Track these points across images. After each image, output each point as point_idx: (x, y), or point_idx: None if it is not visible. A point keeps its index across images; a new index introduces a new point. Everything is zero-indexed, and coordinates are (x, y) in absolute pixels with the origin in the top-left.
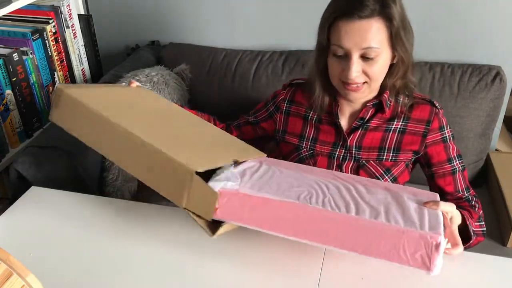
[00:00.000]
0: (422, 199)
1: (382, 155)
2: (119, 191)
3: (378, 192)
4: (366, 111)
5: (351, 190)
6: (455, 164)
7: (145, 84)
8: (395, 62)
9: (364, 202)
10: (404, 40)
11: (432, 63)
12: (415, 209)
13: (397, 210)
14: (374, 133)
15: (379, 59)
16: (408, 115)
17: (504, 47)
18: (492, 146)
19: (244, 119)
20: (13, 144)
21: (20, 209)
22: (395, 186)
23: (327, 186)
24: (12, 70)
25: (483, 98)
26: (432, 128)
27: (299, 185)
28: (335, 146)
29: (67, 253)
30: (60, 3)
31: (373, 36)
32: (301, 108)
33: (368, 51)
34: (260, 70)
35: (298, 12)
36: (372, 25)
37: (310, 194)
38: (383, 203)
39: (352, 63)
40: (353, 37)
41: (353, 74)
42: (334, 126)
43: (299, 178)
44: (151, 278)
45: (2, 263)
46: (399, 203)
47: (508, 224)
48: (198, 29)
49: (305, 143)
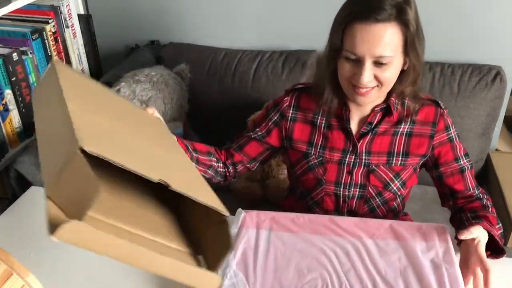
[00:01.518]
0: (434, 244)
1: (392, 160)
2: None
3: (389, 250)
4: (374, 115)
5: (362, 255)
6: (463, 163)
7: (145, 84)
8: (405, 68)
9: (381, 278)
10: (418, 48)
11: (432, 63)
12: (433, 272)
13: (415, 279)
14: (382, 138)
15: (392, 65)
16: (414, 118)
17: (504, 47)
18: (492, 146)
19: (244, 137)
20: (12, 144)
21: (20, 209)
22: (400, 226)
23: (337, 256)
24: (11, 70)
25: (483, 98)
26: (438, 129)
27: (309, 268)
28: (345, 152)
29: (67, 253)
30: (59, 3)
31: (388, 41)
32: (308, 113)
33: (381, 58)
34: (260, 70)
35: (298, 12)
36: (387, 29)
37: (325, 283)
38: (400, 271)
39: (365, 69)
40: (367, 41)
41: (365, 80)
42: (343, 132)
43: (305, 253)
44: (151, 278)
45: (2, 263)
46: (415, 265)
47: (508, 224)
48: (198, 29)
49: (314, 150)
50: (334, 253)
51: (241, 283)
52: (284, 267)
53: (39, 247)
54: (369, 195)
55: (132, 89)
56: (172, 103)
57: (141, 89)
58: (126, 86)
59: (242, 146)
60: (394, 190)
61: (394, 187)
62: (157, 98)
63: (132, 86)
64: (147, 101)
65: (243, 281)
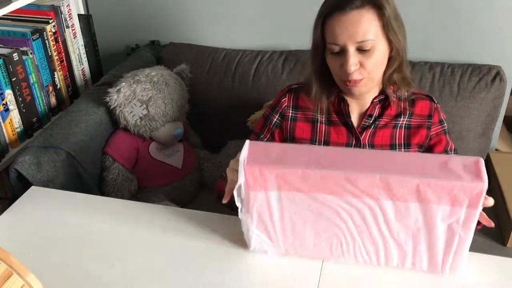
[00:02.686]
0: (460, 209)
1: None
2: (119, 191)
3: (407, 214)
4: (373, 108)
5: (378, 218)
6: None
7: (145, 84)
8: (392, 55)
9: (393, 240)
10: (397, 30)
11: (432, 63)
12: (445, 235)
13: (424, 244)
14: (383, 131)
15: (375, 50)
16: (412, 111)
17: (504, 47)
18: (492, 146)
19: None
20: (13, 144)
21: (20, 209)
22: (429, 187)
23: (352, 220)
24: (12, 70)
25: (483, 98)
26: (434, 122)
27: (325, 228)
28: (349, 146)
29: (67, 253)
30: (60, 3)
31: (366, 27)
32: (308, 112)
33: (363, 44)
34: (260, 70)
35: (298, 12)
36: (363, 15)
37: (340, 240)
38: (412, 233)
39: (349, 56)
40: (346, 30)
41: (352, 68)
42: (345, 126)
43: (320, 214)
44: (151, 278)
45: (2, 263)
46: (429, 229)
47: (508, 224)
48: (198, 29)
49: None
50: (350, 215)
51: (265, 243)
52: (301, 226)
53: (39, 247)
54: None
55: (132, 89)
56: (172, 103)
57: (141, 89)
58: (126, 86)
59: None
60: None
61: None
62: (157, 98)
63: (132, 86)
64: (147, 101)
65: (267, 241)
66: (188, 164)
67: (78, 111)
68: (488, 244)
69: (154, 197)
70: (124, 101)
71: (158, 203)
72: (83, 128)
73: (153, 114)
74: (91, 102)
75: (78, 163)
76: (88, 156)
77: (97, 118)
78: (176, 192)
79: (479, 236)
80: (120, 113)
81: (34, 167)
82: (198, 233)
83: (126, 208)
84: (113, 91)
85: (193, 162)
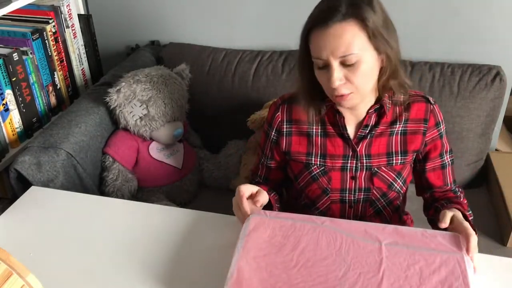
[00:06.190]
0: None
1: (392, 160)
2: (119, 191)
3: None
4: (369, 118)
5: None
6: (446, 159)
7: (145, 84)
8: (384, 64)
9: None
10: (386, 36)
11: (432, 63)
12: None
13: None
14: (380, 139)
15: (362, 63)
16: (407, 116)
17: (504, 47)
18: (492, 146)
19: (264, 167)
20: (13, 144)
21: (20, 209)
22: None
23: None
24: (12, 70)
25: (483, 98)
26: (430, 126)
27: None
28: (346, 158)
29: (67, 253)
30: (60, 3)
31: (349, 40)
32: (302, 125)
33: (347, 58)
34: (260, 70)
35: (298, 12)
36: (345, 28)
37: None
38: None
39: (333, 70)
40: (328, 44)
41: (336, 82)
42: (341, 138)
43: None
44: (151, 278)
45: (2, 263)
46: None
47: (508, 224)
48: (198, 29)
49: (314, 159)
50: None
51: None
52: None
53: (39, 247)
54: (374, 197)
55: (132, 89)
56: (172, 103)
57: (141, 89)
58: (126, 86)
59: (267, 178)
60: (397, 189)
61: (398, 186)
62: (157, 98)
63: (132, 86)
64: (147, 101)
65: None
66: (188, 164)
67: (78, 111)
68: (488, 244)
69: (154, 197)
70: (124, 101)
71: (158, 203)
72: (83, 128)
73: (153, 114)
74: (91, 102)
75: (78, 163)
76: (88, 156)
77: (97, 118)
78: (176, 192)
79: (479, 236)
80: (120, 113)
81: (34, 167)
82: (198, 233)
83: (126, 208)
84: (113, 91)
85: (193, 162)
